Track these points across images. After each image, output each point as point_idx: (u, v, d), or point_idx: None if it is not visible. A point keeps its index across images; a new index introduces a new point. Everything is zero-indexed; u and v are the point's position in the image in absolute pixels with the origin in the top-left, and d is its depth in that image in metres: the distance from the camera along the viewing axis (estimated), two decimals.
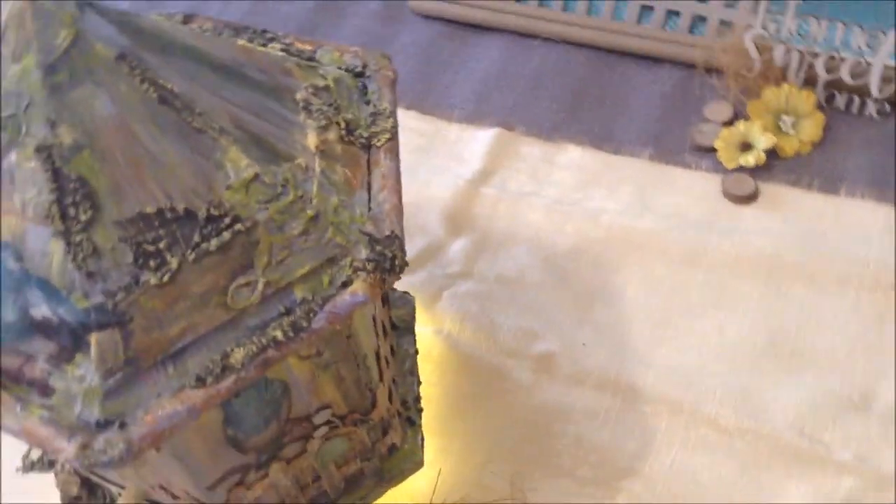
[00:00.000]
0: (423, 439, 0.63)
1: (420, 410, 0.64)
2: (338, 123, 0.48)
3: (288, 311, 0.43)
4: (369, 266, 0.44)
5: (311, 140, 0.46)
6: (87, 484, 0.60)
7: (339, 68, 0.53)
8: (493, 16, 0.96)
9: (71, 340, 0.40)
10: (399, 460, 0.61)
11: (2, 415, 0.41)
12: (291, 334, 0.42)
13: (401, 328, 0.68)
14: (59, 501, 0.61)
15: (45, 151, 0.39)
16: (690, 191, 0.79)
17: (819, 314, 0.70)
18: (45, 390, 0.41)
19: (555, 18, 0.95)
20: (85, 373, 0.40)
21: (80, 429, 0.40)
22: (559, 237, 0.77)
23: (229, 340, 0.42)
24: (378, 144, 0.49)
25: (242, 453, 0.52)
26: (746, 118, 0.82)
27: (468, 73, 0.92)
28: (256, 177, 0.42)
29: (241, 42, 0.50)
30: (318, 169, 0.45)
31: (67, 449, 0.39)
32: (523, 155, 0.84)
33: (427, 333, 0.72)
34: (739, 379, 0.67)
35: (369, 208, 0.46)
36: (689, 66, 0.88)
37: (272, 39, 0.54)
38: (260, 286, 0.42)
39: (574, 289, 0.74)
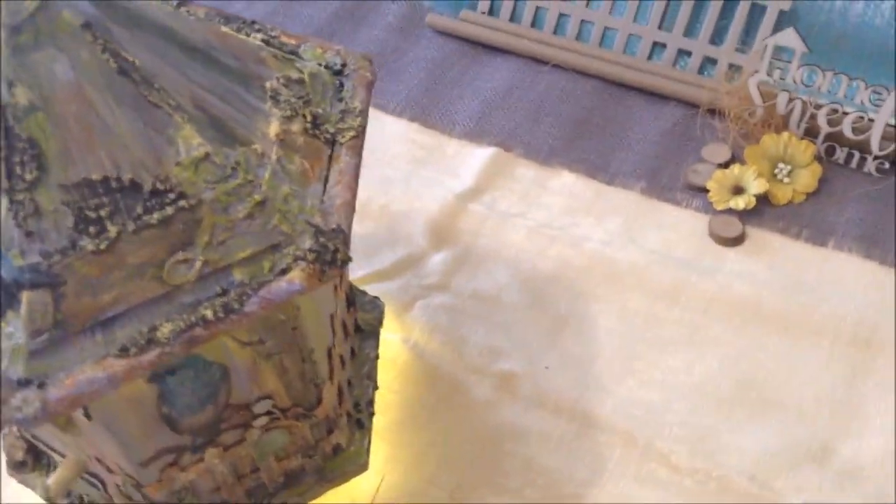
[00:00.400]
0: (369, 443, 0.63)
1: (371, 414, 0.64)
2: (304, 116, 0.49)
3: (224, 293, 0.43)
4: (310, 256, 0.44)
5: (273, 128, 0.47)
6: (32, 450, 0.61)
7: (319, 64, 0.53)
8: (507, 38, 0.96)
9: (4, 297, 0.41)
10: (343, 461, 0.61)
11: None
12: (221, 314, 0.42)
13: (366, 331, 0.68)
14: None
15: None
16: (677, 228, 0.79)
17: (791, 364, 0.69)
18: None
19: (567, 46, 0.95)
20: (14, 330, 0.41)
21: (3, 386, 0.40)
22: (540, 260, 0.77)
23: (161, 315, 0.42)
24: (342, 141, 0.49)
25: (177, 433, 0.52)
26: (742, 162, 0.82)
27: (475, 91, 0.92)
28: (207, 156, 0.43)
29: (222, 28, 0.50)
30: (274, 157, 0.46)
31: None
32: (517, 176, 0.84)
33: (394, 341, 0.72)
34: (700, 419, 0.66)
35: (322, 201, 0.46)
36: (694, 106, 0.88)
37: (258, 30, 0.55)
38: (198, 264, 0.43)
39: (548, 313, 0.73)
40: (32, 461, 0.61)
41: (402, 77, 0.95)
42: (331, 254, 0.44)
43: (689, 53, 0.91)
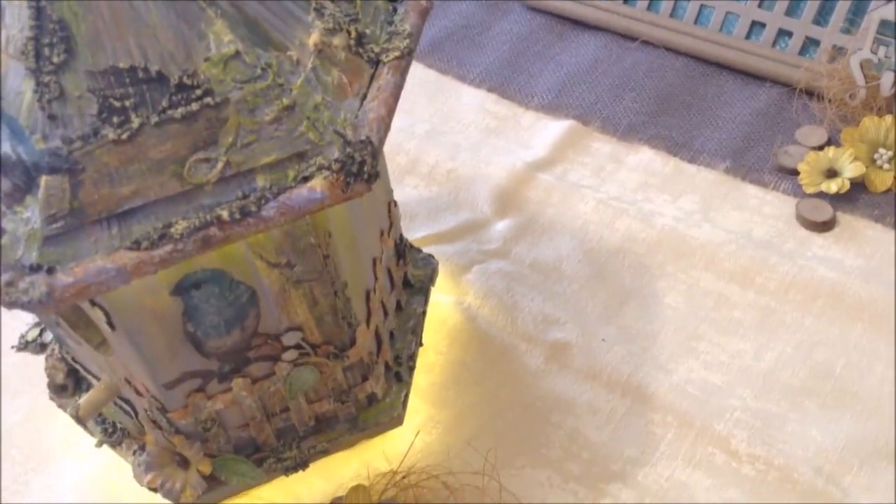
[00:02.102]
0: (407, 397, 0.60)
1: (412, 369, 0.62)
2: (348, 32, 0.47)
3: (244, 198, 0.41)
4: (335, 166, 0.42)
5: (312, 38, 0.45)
6: (73, 374, 0.61)
7: None
8: (597, 13, 0.93)
9: (24, 180, 0.40)
10: (377, 412, 0.59)
11: None
12: (238, 216, 0.41)
13: (415, 287, 0.66)
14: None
15: None
16: (761, 210, 0.73)
17: (872, 356, 0.62)
18: None
19: (660, 23, 0.91)
20: (31, 215, 0.40)
21: (13, 269, 0.40)
22: (607, 233, 0.73)
23: (178, 214, 0.41)
24: (385, 60, 0.47)
25: (203, 356, 0.50)
26: (839, 145, 0.76)
27: (557, 65, 0.89)
28: (237, 54, 0.41)
29: None
30: (309, 65, 0.44)
31: None
32: (592, 150, 0.81)
33: (447, 303, 0.69)
34: (766, 406, 0.61)
35: (356, 116, 0.44)
36: (791, 87, 0.82)
37: None
38: (220, 165, 0.41)
39: (610, 286, 0.69)
40: (73, 385, 0.61)
41: (484, 50, 0.92)
42: (357, 165, 0.42)
43: (789, 34, 0.86)
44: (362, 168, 0.42)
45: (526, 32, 0.94)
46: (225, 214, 0.41)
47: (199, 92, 0.41)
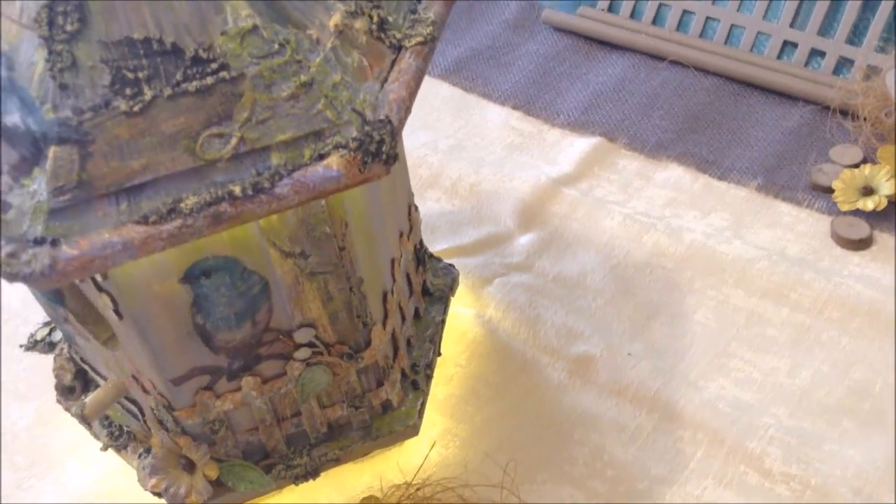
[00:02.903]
0: (423, 406, 0.58)
1: (429, 377, 0.59)
2: (370, 16, 0.46)
3: (259, 175, 0.40)
4: (353, 144, 0.40)
5: (334, 20, 0.44)
6: (80, 376, 0.59)
7: None
8: (624, 34, 0.92)
9: (32, 151, 0.39)
10: (392, 420, 0.56)
11: None
12: (250, 192, 0.39)
13: (435, 296, 0.64)
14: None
15: None
16: (794, 227, 0.71)
17: None
18: (4, 207, 0.40)
19: (689, 43, 0.89)
20: (38, 188, 0.39)
21: (16, 241, 0.38)
22: (634, 247, 0.71)
23: (189, 189, 0.40)
24: (407, 45, 0.46)
25: (212, 351, 0.49)
26: (874, 163, 0.73)
27: (584, 84, 0.88)
28: (255, 28, 0.40)
29: None
30: (328, 45, 0.42)
31: None
32: (619, 167, 0.79)
33: (467, 315, 0.67)
34: (801, 424, 0.57)
35: (376, 98, 0.43)
36: (825, 106, 0.80)
37: None
38: (234, 140, 0.40)
39: (636, 301, 0.67)
40: (80, 388, 0.60)
41: (510, 69, 0.91)
42: (375, 144, 0.40)
43: (822, 54, 0.84)
44: (381, 148, 0.40)
45: (552, 53, 0.93)
46: (237, 190, 0.39)
47: (214, 66, 0.40)
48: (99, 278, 0.43)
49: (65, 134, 0.38)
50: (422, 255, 0.63)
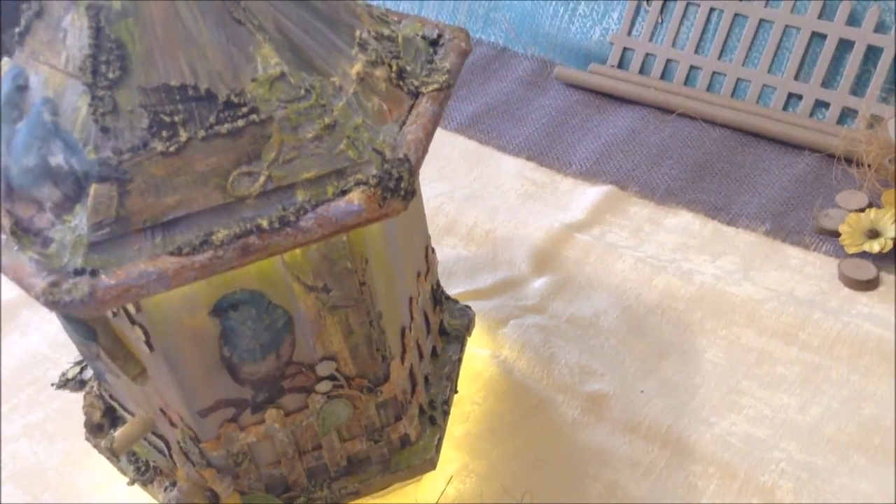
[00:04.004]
0: (440, 441, 0.59)
1: (446, 413, 0.61)
2: (390, 66, 0.49)
3: (285, 210, 0.43)
4: (373, 181, 0.43)
5: (356, 68, 0.47)
6: (109, 414, 0.61)
7: (416, 34, 0.54)
8: (634, 88, 0.95)
9: (74, 189, 0.42)
10: (410, 454, 0.58)
11: (2, 253, 0.43)
12: (277, 226, 0.42)
13: (451, 335, 0.65)
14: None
15: (93, 10, 0.42)
16: (802, 270, 0.73)
17: None
18: (46, 241, 0.43)
19: (697, 96, 0.92)
20: (78, 223, 0.42)
21: (58, 273, 0.41)
22: (645, 290, 0.72)
23: (220, 224, 0.42)
24: (424, 91, 0.49)
25: (238, 382, 0.51)
26: (879, 207, 0.75)
27: (595, 136, 0.91)
28: (282, 75, 0.43)
29: None
30: (351, 91, 0.45)
31: (39, 284, 0.40)
32: (630, 213, 0.81)
33: (483, 355, 0.69)
34: (810, 458, 0.58)
35: (395, 139, 0.46)
36: (829, 155, 0.83)
37: (366, 5, 0.56)
38: (262, 179, 0.43)
39: (648, 341, 0.68)
40: (108, 425, 0.62)
41: (523, 122, 0.95)
42: (394, 181, 0.43)
43: (826, 104, 0.87)
44: (399, 184, 0.43)
45: (564, 107, 0.97)
46: (265, 223, 0.42)
47: (245, 109, 0.43)
48: (133, 311, 0.46)
49: (105, 173, 0.41)
50: (439, 296, 0.65)
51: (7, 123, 0.45)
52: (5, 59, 0.55)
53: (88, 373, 0.63)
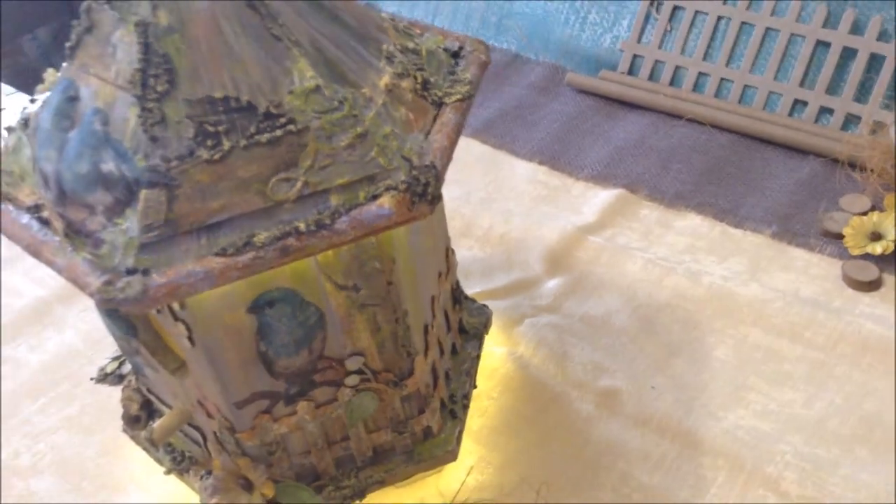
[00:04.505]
0: (461, 433, 0.62)
1: (465, 407, 0.64)
2: (415, 77, 0.52)
3: (320, 213, 0.46)
4: (402, 186, 0.46)
5: (384, 80, 0.50)
6: (146, 406, 0.64)
7: (438, 47, 0.57)
8: (644, 94, 0.98)
9: (125, 194, 0.45)
10: (432, 446, 0.61)
11: (56, 254, 0.46)
12: (313, 228, 0.45)
13: (470, 333, 0.68)
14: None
15: (142, 27, 0.45)
16: (807, 271, 0.75)
17: None
18: (98, 243, 0.46)
19: (705, 102, 0.95)
20: (130, 226, 0.45)
21: (111, 272, 0.44)
22: (655, 290, 0.75)
23: (260, 226, 0.45)
24: (448, 102, 0.52)
25: (273, 376, 0.54)
26: (881, 211, 0.78)
27: (606, 141, 0.94)
28: (317, 88, 0.46)
29: None
30: (380, 101, 0.49)
31: (94, 283, 0.43)
32: (640, 216, 0.84)
33: (499, 353, 0.71)
34: (816, 451, 0.61)
35: (421, 147, 0.49)
36: (834, 160, 0.85)
37: (391, 19, 0.59)
38: (299, 184, 0.46)
39: (658, 339, 0.71)
40: (145, 418, 0.65)
41: (536, 127, 0.98)
42: (422, 186, 0.46)
43: (831, 111, 0.89)
44: (426, 189, 0.46)
45: (576, 112, 0.99)
46: (302, 226, 0.45)
47: (283, 120, 0.46)
48: (177, 308, 0.49)
49: (154, 179, 0.44)
50: (458, 295, 0.68)
51: (59, 132, 0.48)
52: (50, 70, 0.59)
53: (126, 367, 0.66)
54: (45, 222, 0.48)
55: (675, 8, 0.98)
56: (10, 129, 0.54)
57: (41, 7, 1.65)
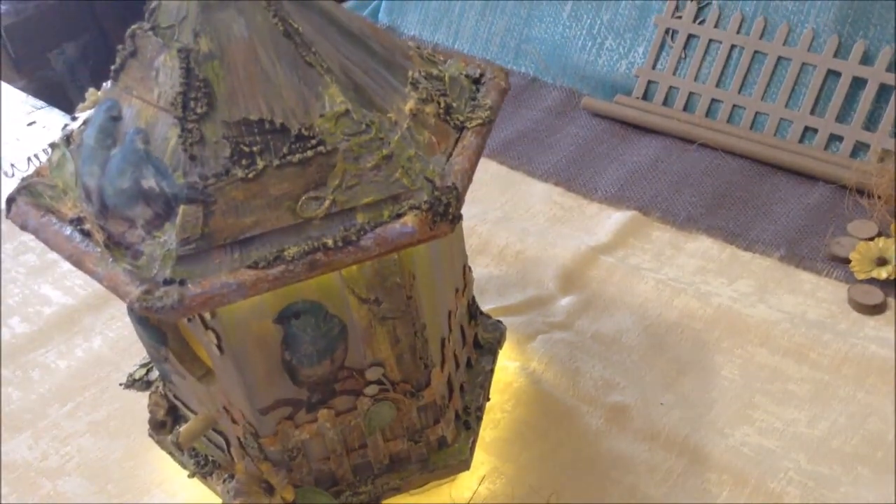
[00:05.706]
0: (474, 444, 0.64)
1: (479, 418, 0.66)
2: (438, 103, 0.55)
3: (347, 230, 0.48)
4: (424, 206, 0.48)
5: (409, 105, 0.53)
6: (172, 412, 0.67)
7: (460, 73, 0.60)
8: (657, 119, 1.00)
9: (164, 209, 0.48)
10: (446, 455, 0.63)
11: (98, 264, 0.49)
12: (340, 244, 0.47)
13: (485, 348, 0.71)
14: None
15: (184, 53, 0.48)
16: (814, 294, 0.78)
17: None
18: (137, 254, 0.49)
19: (717, 128, 0.98)
20: (168, 239, 0.48)
21: (149, 282, 0.47)
22: (665, 310, 0.78)
23: (290, 242, 0.48)
24: (469, 126, 0.55)
25: (296, 384, 0.56)
26: (888, 237, 0.80)
27: (620, 164, 0.96)
28: (347, 112, 0.49)
29: (377, 25, 0.58)
30: (405, 125, 0.51)
31: (133, 291, 0.46)
32: (653, 238, 0.86)
33: (512, 367, 0.74)
34: (817, 468, 0.63)
35: (443, 169, 0.51)
36: (842, 186, 0.87)
37: (416, 47, 0.62)
38: (327, 202, 0.48)
39: (667, 357, 0.73)
40: (171, 423, 0.67)
41: (552, 149, 1.00)
42: (443, 206, 0.48)
43: (840, 138, 0.92)
44: (448, 209, 0.49)
45: (591, 136, 1.02)
46: (330, 242, 0.47)
47: (313, 142, 0.48)
48: (208, 317, 0.52)
49: (192, 195, 0.47)
50: (474, 311, 0.70)
51: (102, 149, 0.51)
52: (91, 90, 0.62)
53: (154, 374, 0.69)
54: (86, 234, 0.51)
55: (690, 36, 1.01)
56: (53, 146, 0.57)
57: (70, 23, 1.70)
